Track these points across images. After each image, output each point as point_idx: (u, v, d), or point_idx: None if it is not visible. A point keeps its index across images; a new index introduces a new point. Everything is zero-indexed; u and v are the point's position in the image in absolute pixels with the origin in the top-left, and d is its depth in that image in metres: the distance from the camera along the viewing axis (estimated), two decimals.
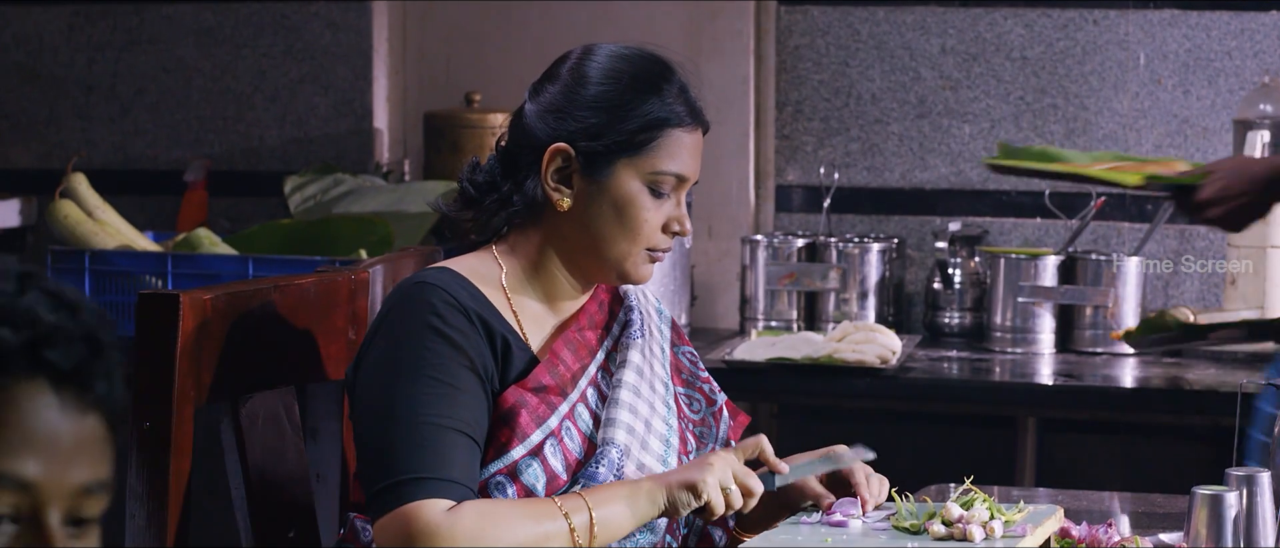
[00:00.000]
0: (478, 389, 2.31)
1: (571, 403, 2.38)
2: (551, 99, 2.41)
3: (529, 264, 2.43)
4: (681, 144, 2.40)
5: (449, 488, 2.23)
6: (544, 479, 2.32)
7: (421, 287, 2.34)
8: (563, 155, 2.38)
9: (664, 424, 2.45)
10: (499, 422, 2.33)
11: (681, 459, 2.46)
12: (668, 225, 2.42)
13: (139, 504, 2.33)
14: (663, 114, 2.39)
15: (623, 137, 2.37)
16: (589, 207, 2.39)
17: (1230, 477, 2.33)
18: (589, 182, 2.39)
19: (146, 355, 2.32)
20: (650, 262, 2.43)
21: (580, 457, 2.36)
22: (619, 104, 2.38)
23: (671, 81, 2.42)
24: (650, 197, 2.40)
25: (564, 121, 2.39)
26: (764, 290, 4.72)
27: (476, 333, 2.32)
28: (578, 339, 2.44)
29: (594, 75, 2.40)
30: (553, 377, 2.38)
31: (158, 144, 5.22)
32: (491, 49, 5.03)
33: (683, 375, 2.57)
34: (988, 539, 2.26)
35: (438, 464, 2.24)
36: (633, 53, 2.43)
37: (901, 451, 4.83)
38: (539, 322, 2.43)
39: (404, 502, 2.21)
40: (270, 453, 2.51)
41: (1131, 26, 4.79)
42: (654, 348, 2.52)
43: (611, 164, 2.38)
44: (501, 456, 2.32)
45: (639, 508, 2.27)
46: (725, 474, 2.28)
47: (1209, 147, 4.76)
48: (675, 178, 2.40)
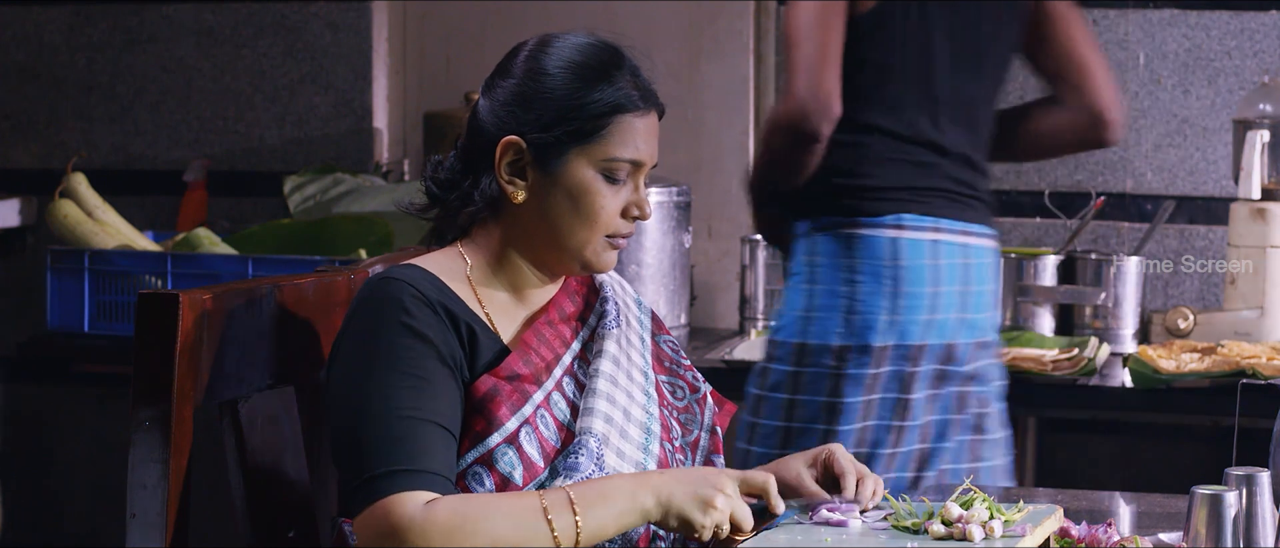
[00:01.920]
0: (449, 381, 2.31)
1: (546, 392, 2.38)
2: (503, 93, 2.42)
3: (493, 258, 2.44)
4: (633, 129, 2.40)
5: (426, 479, 2.23)
6: (521, 468, 2.32)
7: (386, 282, 2.34)
8: (515, 148, 2.39)
9: (644, 412, 2.45)
10: (473, 411, 2.33)
11: (665, 446, 2.46)
12: (627, 211, 2.42)
13: (139, 504, 2.33)
14: (613, 100, 2.38)
15: (573, 126, 2.38)
16: (545, 198, 2.40)
17: (1230, 477, 2.33)
18: (542, 174, 2.39)
19: (146, 355, 2.32)
20: (611, 248, 2.43)
21: (557, 445, 2.36)
22: (568, 94, 2.38)
23: (621, 67, 2.41)
24: (605, 184, 2.39)
25: (515, 114, 2.39)
26: (763, 290, 4.72)
27: (443, 324, 2.33)
28: (550, 332, 2.45)
29: (543, 66, 2.40)
30: (526, 365, 2.38)
31: (158, 144, 5.22)
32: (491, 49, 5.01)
33: (665, 364, 2.57)
34: (987, 539, 2.26)
35: (413, 457, 2.23)
36: (581, 41, 2.44)
37: None
38: (508, 313, 2.44)
39: (380, 496, 2.21)
40: (270, 453, 2.51)
41: (1131, 26, 4.79)
42: (631, 338, 2.51)
43: (563, 154, 2.38)
44: (477, 444, 2.32)
45: (629, 518, 2.26)
46: (724, 517, 2.26)
47: (1208, 146, 4.77)
48: (630, 163, 2.40)
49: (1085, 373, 4.09)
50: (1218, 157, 4.75)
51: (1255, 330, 4.37)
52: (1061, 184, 4.83)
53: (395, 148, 5.18)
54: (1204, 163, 4.77)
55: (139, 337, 2.33)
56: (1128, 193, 4.82)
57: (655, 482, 2.28)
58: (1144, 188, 4.81)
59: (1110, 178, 4.82)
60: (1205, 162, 4.77)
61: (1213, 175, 4.76)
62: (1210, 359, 4.07)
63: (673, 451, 2.48)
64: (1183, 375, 4.00)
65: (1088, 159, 4.82)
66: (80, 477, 5.24)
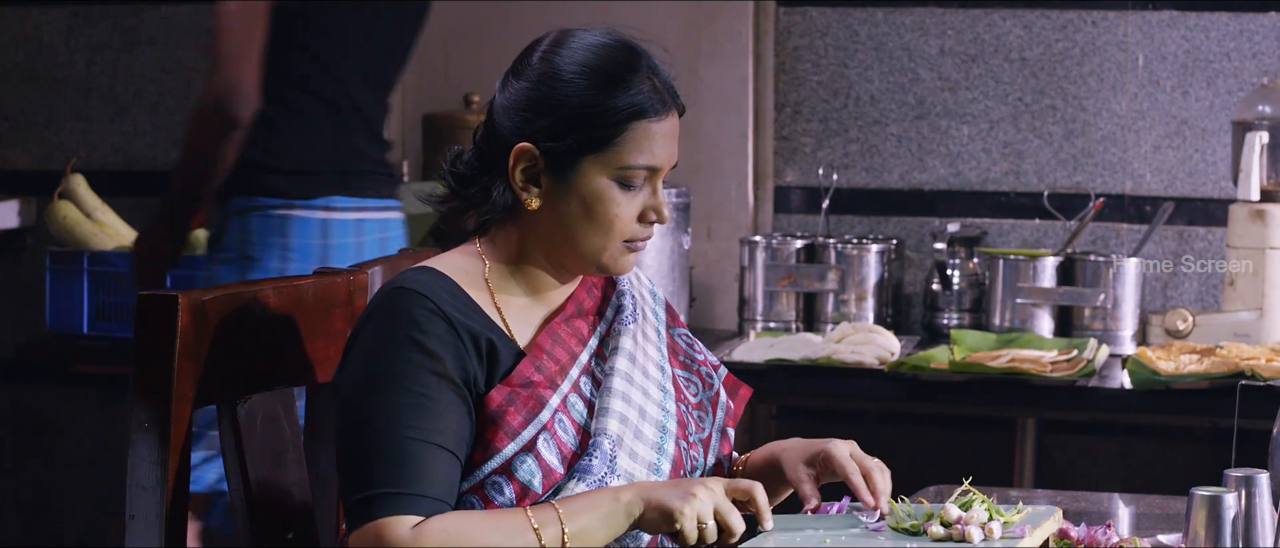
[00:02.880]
0: (455, 398, 2.28)
1: (562, 394, 2.36)
2: (516, 95, 2.38)
3: (510, 259, 2.41)
4: (650, 135, 2.36)
5: (422, 503, 2.22)
6: (540, 475, 2.30)
7: (401, 293, 2.31)
8: (528, 155, 2.35)
9: (659, 410, 2.42)
10: (487, 422, 2.31)
11: (680, 444, 2.44)
12: (644, 215, 2.39)
13: (138, 505, 2.33)
14: (628, 107, 2.34)
15: (586, 134, 2.33)
16: (558, 205, 2.36)
17: (1229, 478, 2.33)
18: (556, 181, 2.35)
19: (145, 356, 2.32)
20: (629, 252, 2.40)
21: (575, 448, 2.34)
22: (582, 102, 2.33)
23: (637, 71, 2.36)
24: (620, 191, 2.36)
25: (528, 120, 2.35)
26: (763, 292, 4.72)
27: (458, 340, 2.30)
28: (566, 330, 2.42)
29: (557, 71, 2.36)
30: (540, 371, 2.35)
31: (157, 145, 5.22)
32: (490, 49, 5.02)
33: (680, 357, 2.54)
34: (986, 541, 2.26)
35: (413, 479, 2.22)
36: (598, 42, 2.38)
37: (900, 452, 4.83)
38: (526, 315, 2.41)
39: (375, 517, 2.21)
40: (269, 454, 2.51)
41: (1130, 27, 4.79)
42: (648, 332, 2.49)
43: (577, 163, 2.34)
44: (494, 455, 2.30)
45: (614, 522, 2.25)
46: (706, 507, 2.24)
47: (1208, 148, 4.77)
48: (645, 170, 2.37)
49: (1084, 374, 4.09)
50: (1217, 158, 4.75)
51: (1254, 332, 4.37)
52: (1060, 185, 4.83)
53: (393, 149, 5.17)
54: (1203, 164, 4.77)
55: (138, 338, 2.33)
56: (1127, 194, 4.82)
57: (638, 484, 2.28)
58: (1143, 189, 4.81)
59: (1109, 179, 4.82)
60: (1204, 163, 4.77)
61: (1212, 177, 4.77)
62: (1209, 361, 4.07)
63: (687, 447, 2.46)
64: (1182, 377, 4.00)
65: (1087, 160, 4.82)
66: (80, 477, 5.24)
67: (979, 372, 4.10)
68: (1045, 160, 4.86)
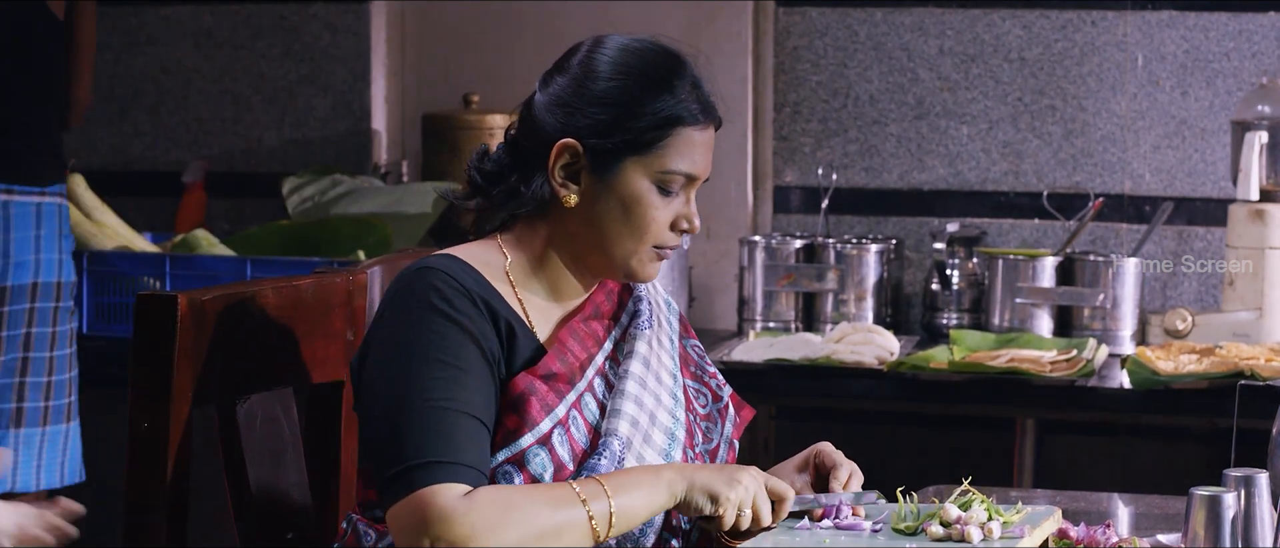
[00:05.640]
0: (485, 373, 2.29)
1: (578, 392, 2.37)
2: (560, 92, 2.38)
3: (534, 257, 2.42)
4: (692, 142, 2.38)
5: (462, 472, 2.21)
6: (551, 469, 2.30)
7: (424, 272, 2.32)
8: (571, 151, 2.36)
9: (669, 416, 2.43)
10: (508, 408, 2.31)
11: (687, 453, 2.45)
12: (676, 223, 2.40)
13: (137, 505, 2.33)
14: (674, 112, 2.36)
15: (632, 135, 2.34)
16: (596, 204, 2.37)
17: (1228, 478, 2.33)
18: (596, 179, 2.36)
19: (144, 356, 2.32)
20: (657, 259, 2.41)
21: (586, 447, 2.34)
22: (629, 101, 2.35)
23: (683, 77, 2.38)
24: (659, 195, 2.37)
25: (573, 117, 2.36)
26: (762, 291, 4.72)
27: (482, 316, 2.30)
28: (584, 330, 2.42)
29: (604, 69, 2.36)
30: (562, 364, 2.36)
31: (156, 145, 5.22)
32: (490, 50, 5.03)
33: (691, 368, 2.55)
34: (986, 541, 2.26)
35: (449, 448, 2.21)
36: (644, 46, 2.40)
37: (900, 452, 4.84)
38: (544, 312, 2.42)
39: (417, 487, 2.19)
40: (268, 454, 2.51)
41: (1129, 27, 4.79)
42: (662, 340, 2.50)
43: (620, 162, 2.35)
44: (510, 444, 2.30)
45: (657, 498, 2.26)
46: (748, 496, 2.27)
47: (1207, 148, 4.77)
48: (685, 177, 2.38)
49: (1084, 374, 4.09)
50: (1216, 158, 4.75)
51: (1254, 332, 4.37)
52: (1060, 185, 4.83)
53: (393, 149, 5.18)
54: (1202, 164, 4.77)
55: (137, 338, 2.33)
56: (1126, 194, 4.82)
57: (679, 465, 2.30)
58: (1142, 189, 4.82)
59: (1108, 179, 4.83)
60: (1203, 163, 4.77)
61: (1211, 177, 4.77)
62: (1208, 361, 4.07)
63: (694, 457, 2.47)
64: (1181, 377, 4.00)
65: (1086, 160, 4.82)
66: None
67: (978, 372, 4.10)
68: (1044, 160, 4.86)
